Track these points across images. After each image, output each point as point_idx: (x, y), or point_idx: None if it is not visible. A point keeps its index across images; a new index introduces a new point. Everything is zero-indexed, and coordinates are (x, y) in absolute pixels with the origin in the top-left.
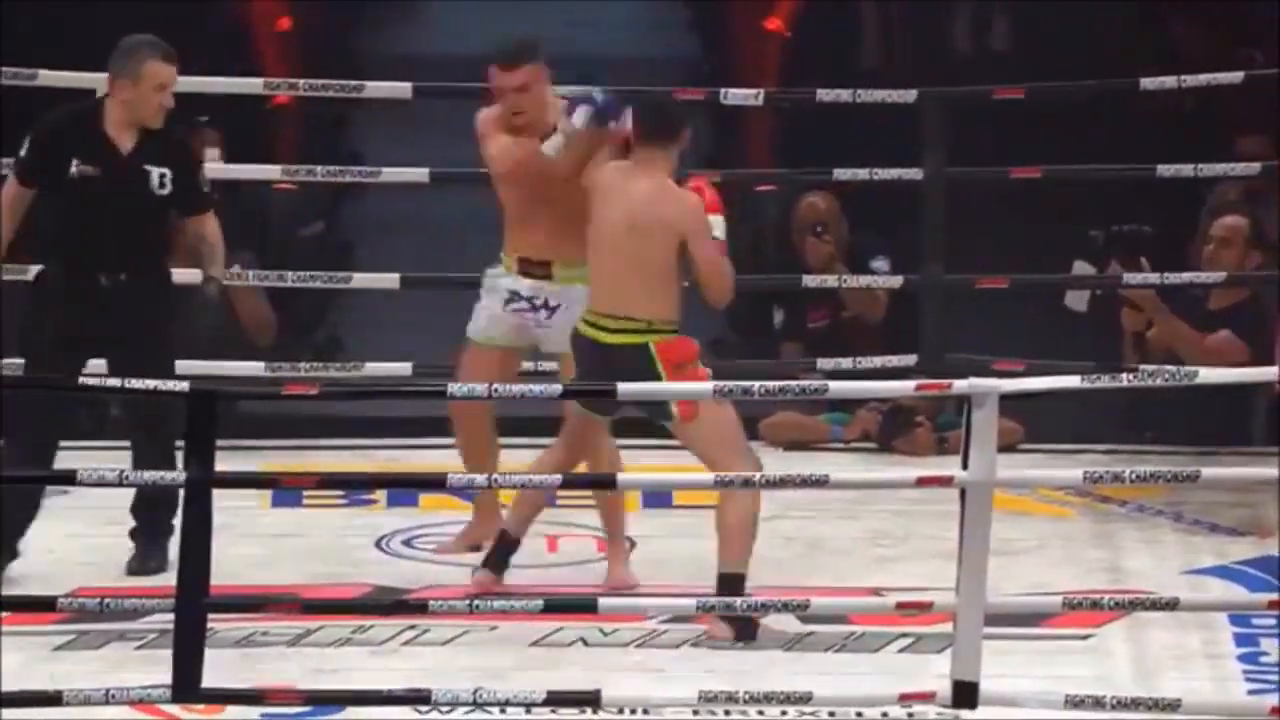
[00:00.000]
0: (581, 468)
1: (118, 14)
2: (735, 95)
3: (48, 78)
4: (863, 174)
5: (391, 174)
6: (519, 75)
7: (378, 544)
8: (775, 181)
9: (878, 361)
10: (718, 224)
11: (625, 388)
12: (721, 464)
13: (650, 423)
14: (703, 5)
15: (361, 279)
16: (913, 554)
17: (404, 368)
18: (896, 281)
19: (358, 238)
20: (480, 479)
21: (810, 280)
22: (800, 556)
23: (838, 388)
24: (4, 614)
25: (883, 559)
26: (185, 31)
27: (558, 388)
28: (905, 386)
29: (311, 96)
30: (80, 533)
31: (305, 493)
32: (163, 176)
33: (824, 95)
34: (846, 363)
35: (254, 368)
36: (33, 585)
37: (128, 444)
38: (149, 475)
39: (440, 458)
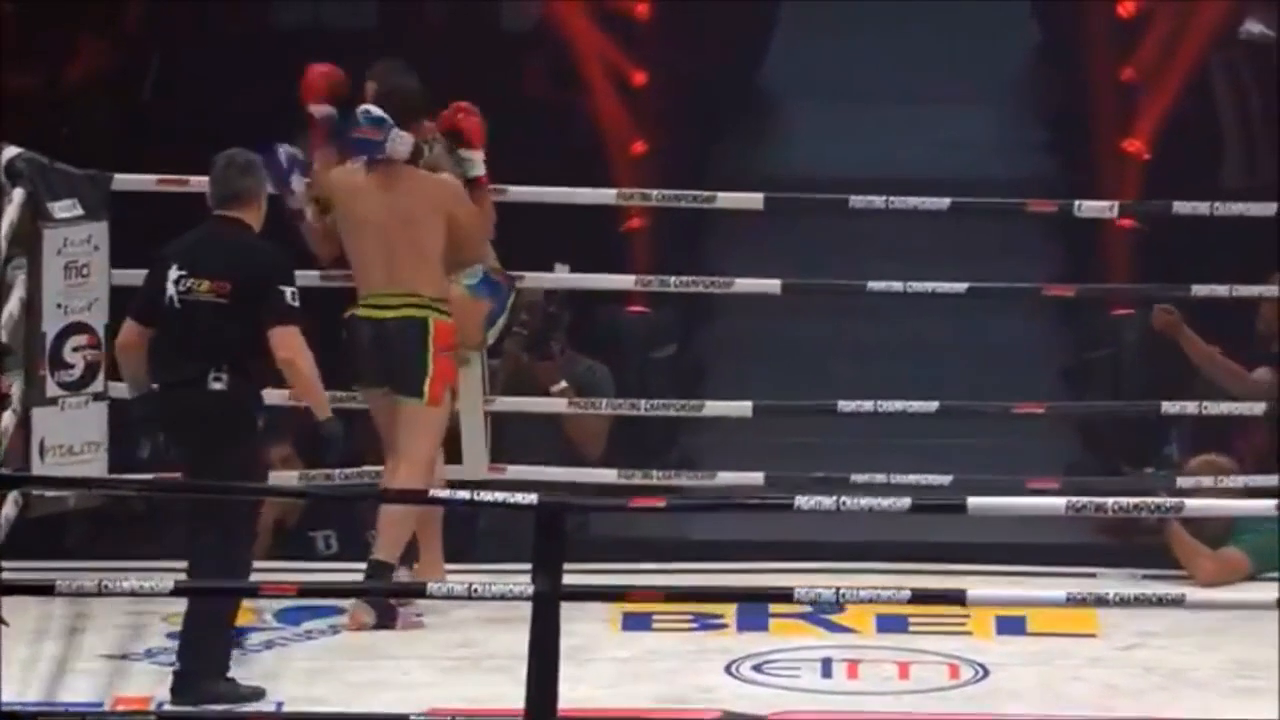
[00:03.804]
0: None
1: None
2: (1089, 208)
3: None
4: (1221, 290)
5: (745, 285)
6: None
7: (728, 669)
8: (1131, 296)
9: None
10: (477, 160)
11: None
12: (422, 450)
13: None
14: (1061, 127)
15: (714, 407)
16: None
17: (755, 477)
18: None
19: (709, 361)
20: (827, 594)
21: (1169, 407)
22: (1159, 688)
23: (1194, 505)
24: None
25: (1246, 690)
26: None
27: (906, 501)
28: (1265, 505)
29: (664, 208)
30: None
31: (655, 616)
32: None
33: (1180, 208)
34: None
35: (606, 474)
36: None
37: None
38: (497, 589)
39: (793, 581)
